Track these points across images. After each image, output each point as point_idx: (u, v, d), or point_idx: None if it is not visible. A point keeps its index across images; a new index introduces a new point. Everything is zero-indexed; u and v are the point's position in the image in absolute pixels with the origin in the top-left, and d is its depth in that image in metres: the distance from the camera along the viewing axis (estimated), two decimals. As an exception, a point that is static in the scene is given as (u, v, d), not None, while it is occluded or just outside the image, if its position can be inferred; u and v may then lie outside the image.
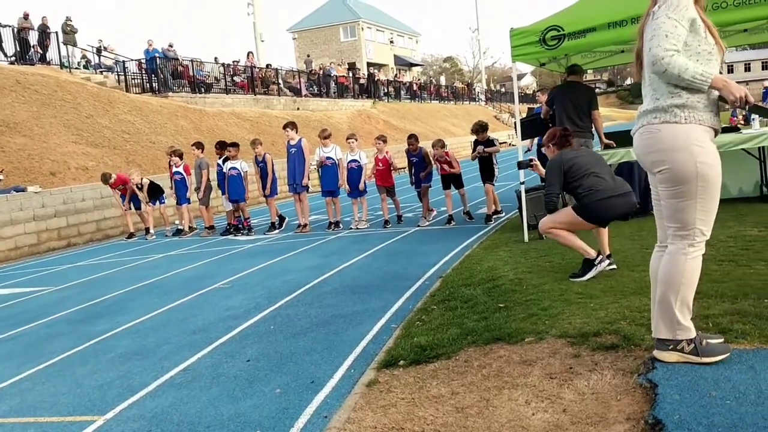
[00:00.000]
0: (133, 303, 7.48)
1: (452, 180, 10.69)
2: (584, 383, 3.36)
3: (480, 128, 10.45)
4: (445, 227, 10.47)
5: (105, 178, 13.23)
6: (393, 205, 11.57)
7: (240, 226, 12.57)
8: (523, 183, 8.19)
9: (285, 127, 11.74)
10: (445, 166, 10.55)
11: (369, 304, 6.09)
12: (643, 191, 8.45)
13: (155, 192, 13.62)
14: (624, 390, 3.20)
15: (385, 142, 11.31)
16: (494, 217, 10.43)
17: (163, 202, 13.85)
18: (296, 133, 11.68)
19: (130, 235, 13.77)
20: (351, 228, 11.33)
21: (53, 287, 9.17)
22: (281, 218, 12.58)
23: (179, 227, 13.58)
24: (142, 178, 13.57)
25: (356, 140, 11.41)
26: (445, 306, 5.39)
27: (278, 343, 5.18)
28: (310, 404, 3.84)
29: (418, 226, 10.67)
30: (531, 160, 6.57)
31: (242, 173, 12.28)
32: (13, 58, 20.94)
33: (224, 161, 12.42)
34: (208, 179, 12.85)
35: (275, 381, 4.33)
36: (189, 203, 13.40)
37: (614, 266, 5.67)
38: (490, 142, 10.35)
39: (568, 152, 5.69)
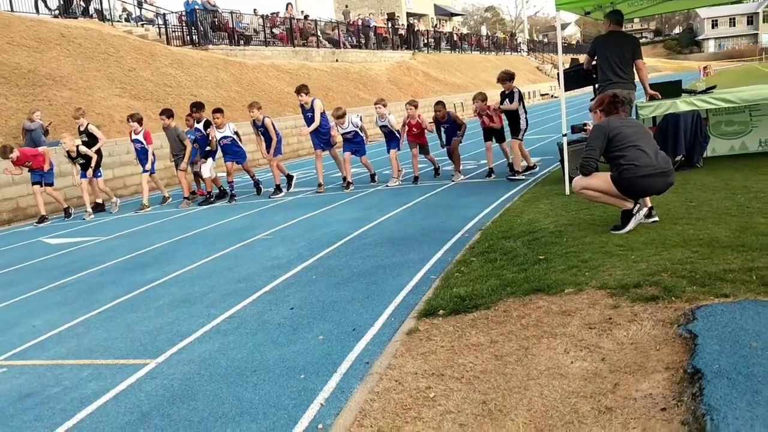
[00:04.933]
0: (178, 253, 7.69)
1: (494, 133, 10.54)
2: (623, 333, 3.39)
3: (505, 77, 10.01)
4: (484, 180, 10.42)
5: (4, 152, 11.53)
6: (427, 162, 11.46)
7: (228, 190, 11.75)
8: (565, 135, 8.08)
9: (298, 91, 11.37)
10: (486, 119, 10.38)
11: (408, 255, 6.16)
12: (689, 144, 8.26)
13: (87, 162, 12.10)
14: (663, 340, 3.22)
15: (415, 107, 10.98)
16: (528, 173, 10.19)
17: (99, 176, 12.47)
18: (308, 95, 11.32)
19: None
20: (387, 186, 11.18)
21: (102, 237, 9.46)
22: (289, 177, 12.02)
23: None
24: (78, 146, 12.00)
25: (384, 106, 11.08)
26: (484, 258, 5.43)
27: (320, 292, 5.30)
28: (352, 351, 3.95)
29: (453, 181, 10.58)
30: (585, 124, 6.47)
31: (235, 138, 11.50)
32: (56, 12, 21.15)
33: (205, 127, 11.54)
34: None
35: (318, 328, 4.45)
36: (153, 173, 12.50)
37: (657, 219, 5.62)
38: (512, 94, 9.97)
39: (615, 119, 5.57)
